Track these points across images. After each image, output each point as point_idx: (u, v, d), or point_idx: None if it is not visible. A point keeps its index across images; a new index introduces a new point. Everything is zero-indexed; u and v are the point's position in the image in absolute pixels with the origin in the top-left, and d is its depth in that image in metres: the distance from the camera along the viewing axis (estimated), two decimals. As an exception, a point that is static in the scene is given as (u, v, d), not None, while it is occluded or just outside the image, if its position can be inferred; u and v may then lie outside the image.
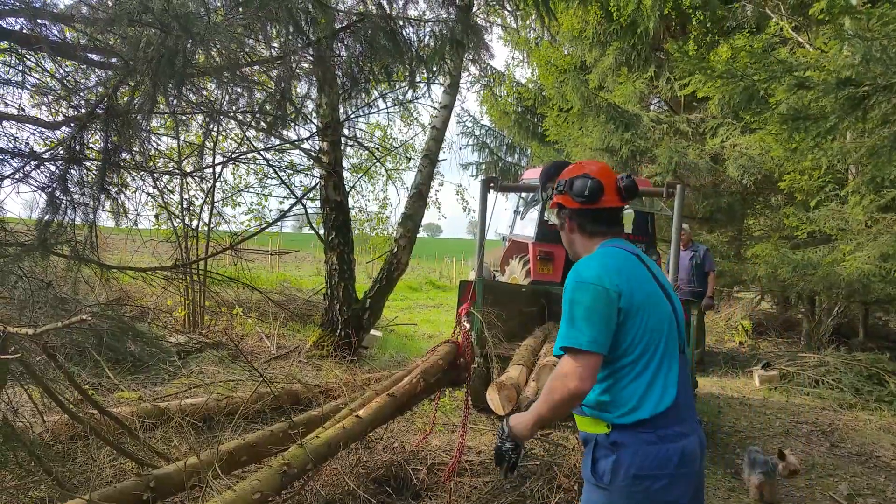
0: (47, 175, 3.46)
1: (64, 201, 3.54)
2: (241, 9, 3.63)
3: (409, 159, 12.22)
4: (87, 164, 3.59)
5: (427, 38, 6.87)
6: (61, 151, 3.53)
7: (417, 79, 7.12)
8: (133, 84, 3.34)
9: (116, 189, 3.74)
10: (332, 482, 3.95)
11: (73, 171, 3.43)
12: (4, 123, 3.60)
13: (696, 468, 2.15)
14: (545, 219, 9.41)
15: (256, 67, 4.65)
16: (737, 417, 6.84)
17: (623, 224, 2.48)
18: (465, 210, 15.37)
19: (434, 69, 7.61)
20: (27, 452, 3.28)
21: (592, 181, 2.35)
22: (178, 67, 3.20)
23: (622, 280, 2.14)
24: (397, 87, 7.89)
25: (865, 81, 6.11)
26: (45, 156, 3.56)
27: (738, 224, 13.11)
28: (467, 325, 4.52)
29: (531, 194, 9.83)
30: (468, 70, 8.61)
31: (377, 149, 11.04)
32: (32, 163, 3.41)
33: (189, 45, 3.18)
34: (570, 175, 2.42)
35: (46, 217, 3.44)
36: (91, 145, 3.63)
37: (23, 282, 3.65)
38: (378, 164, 11.09)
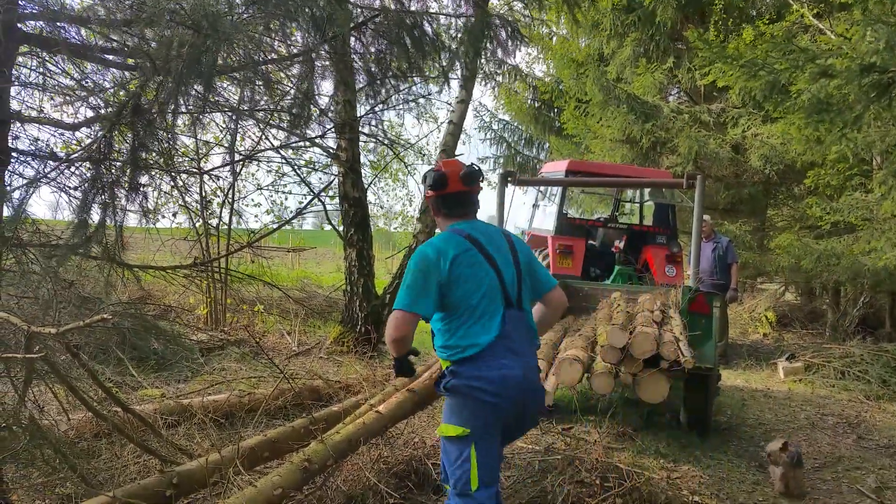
0: (74, 176, 3.50)
1: (97, 203, 3.58)
2: (257, 7, 3.64)
3: (423, 155, 12.22)
4: (112, 164, 3.62)
5: (445, 32, 6.86)
6: (89, 153, 3.57)
7: (436, 73, 7.10)
8: (158, 84, 3.36)
9: (141, 189, 3.77)
10: (353, 477, 3.96)
11: (103, 172, 3.46)
12: (26, 126, 3.64)
13: (520, 393, 2.80)
14: (564, 212, 9.37)
15: (273, 66, 4.66)
16: (761, 410, 6.77)
17: (475, 206, 3.09)
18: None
19: (454, 63, 7.60)
20: (53, 450, 3.32)
21: (437, 173, 3.01)
22: (205, 67, 3.21)
23: (443, 258, 2.82)
24: (415, 82, 7.89)
25: (890, 67, 5.98)
26: (72, 158, 3.60)
27: (760, 214, 12.95)
28: None
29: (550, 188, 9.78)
30: (485, 64, 8.56)
31: (395, 144, 11.05)
32: (57, 165, 3.45)
33: (215, 44, 3.20)
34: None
35: (82, 218, 3.47)
36: (114, 146, 3.66)
37: (46, 282, 3.70)
38: (397, 159, 11.11)
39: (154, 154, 3.92)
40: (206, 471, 3.33)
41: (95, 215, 3.56)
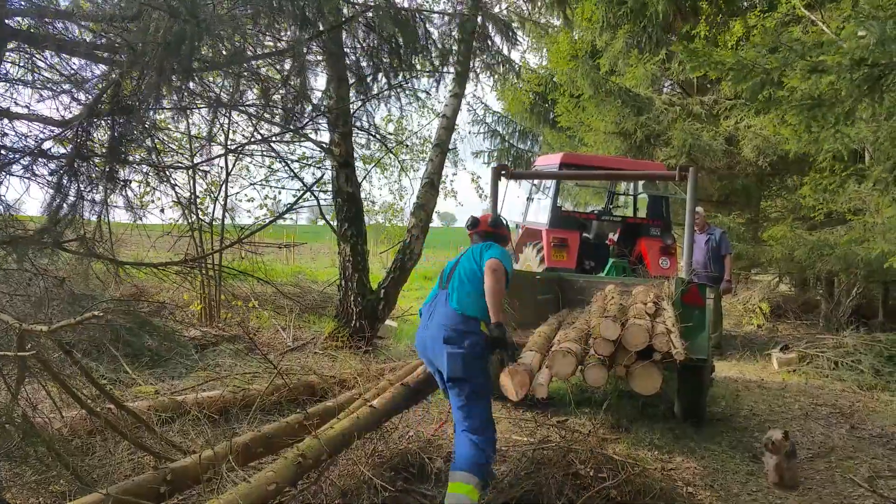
0: (54, 167, 3.46)
1: (71, 191, 3.54)
2: (245, 1, 3.62)
3: (408, 146, 12.18)
4: (95, 158, 3.59)
5: (438, 26, 6.83)
6: (67, 149, 3.54)
7: (428, 68, 7.08)
8: (138, 74, 3.33)
9: (124, 182, 3.74)
10: (348, 472, 3.96)
11: (78, 162, 3.42)
12: (15, 122, 3.62)
13: (425, 350, 4.00)
14: (558, 205, 9.37)
15: (263, 61, 4.63)
16: (755, 401, 6.80)
17: (486, 238, 4.33)
18: (480, 197, 15.24)
19: (447, 58, 7.57)
20: (46, 448, 3.31)
21: (473, 219, 4.42)
22: (184, 53, 3.18)
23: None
24: (408, 76, 7.85)
25: (881, 61, 5.97)
26: (51, 150, 3.57)
27: (754, 206, 12.97)
28: None
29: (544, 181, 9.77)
30: (478, 57, 8.55)
31: (388, 137, 11.03)
32: (40, 159, 3.42)
33: (195, 32, 3.16)
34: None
35: (55, 204, 3.44)
36: (97, 139, 3.63)
37: (37, 279, 3.68)
38: (390, 154, 11.08)
39: (138, 146, 3.89)
40: (200, 467, 3.33)
41: (73, 201, 3.52)
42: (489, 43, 8.18)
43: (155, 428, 4.08)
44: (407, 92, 8.04)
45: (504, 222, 4.57)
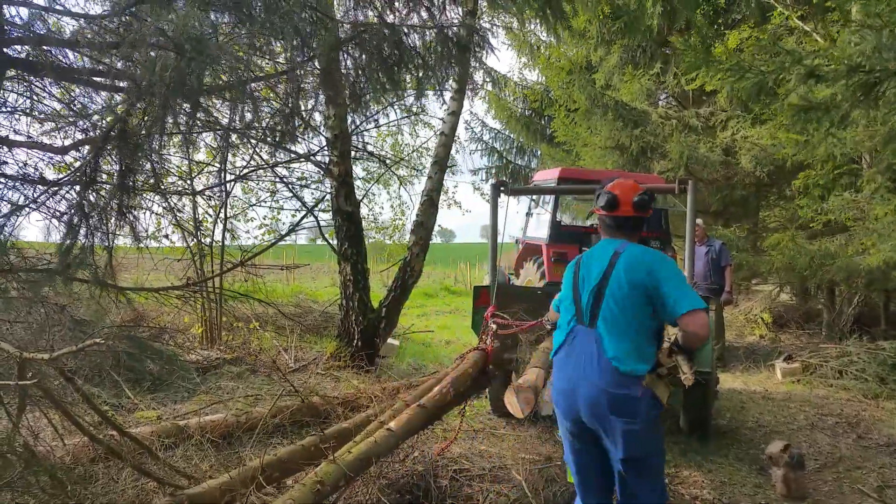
0: (62, 201, 3.48)
1: (83, 227, 3.55)
2: (246, 25, 3.64)
3: (414, 169, 12.25)
4: (100, 187, 3.60)
5: (432, 45, 6.86)
6: (75, 177, 3.55)
7: (425, 87, 7.11)
8: (144, 106, 3.35)
9: (131, 211, 3.74)
10: (355, 494, 3.92)
11: (89, 196, 3.44)
12: (15, 150, 3.63)
13: (572, 407, 3.07)
14: (557, 220, 9.37)
15: (262, 84, 4.66)
16: (760, 412, 6.76)
17: (627, 229, 3.22)
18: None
19: (441, 76, 7.59)
20: (49, 476, 3.28)
21: (609, 194, 3.21)
22: (191, 88, 3.20)
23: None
24: (406, 95, 7.87)
25: (877, 67, 6.01)
26: (60, 182, 3.58)
27: (753, 216, 12.98)
28: (494, 327, 4.58)
29: (542, 196, 9.79)
30: (474, 76, 8.57)
31: (387, 158, 11.07)
32: (46, 189, 3.43)
33: (199, 66, 3.18)
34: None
35: (67, 243, 3.45)
36: (102, 169, 3.64)
37: (38, 307, 3.67)
38: (389, 172, 11.12)
39: (144, 177, 3.90)
40: (219, 493, 3.28)
41: (85, 239, 3.53)
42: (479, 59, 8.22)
43: (158, 454, 4.05)
44: (412, 114, 8.05)
45: (651, 198, 3.22)
